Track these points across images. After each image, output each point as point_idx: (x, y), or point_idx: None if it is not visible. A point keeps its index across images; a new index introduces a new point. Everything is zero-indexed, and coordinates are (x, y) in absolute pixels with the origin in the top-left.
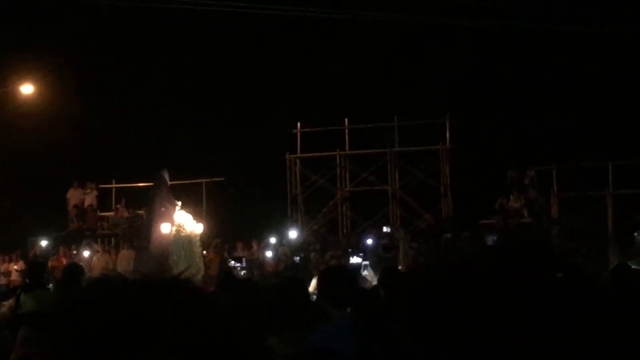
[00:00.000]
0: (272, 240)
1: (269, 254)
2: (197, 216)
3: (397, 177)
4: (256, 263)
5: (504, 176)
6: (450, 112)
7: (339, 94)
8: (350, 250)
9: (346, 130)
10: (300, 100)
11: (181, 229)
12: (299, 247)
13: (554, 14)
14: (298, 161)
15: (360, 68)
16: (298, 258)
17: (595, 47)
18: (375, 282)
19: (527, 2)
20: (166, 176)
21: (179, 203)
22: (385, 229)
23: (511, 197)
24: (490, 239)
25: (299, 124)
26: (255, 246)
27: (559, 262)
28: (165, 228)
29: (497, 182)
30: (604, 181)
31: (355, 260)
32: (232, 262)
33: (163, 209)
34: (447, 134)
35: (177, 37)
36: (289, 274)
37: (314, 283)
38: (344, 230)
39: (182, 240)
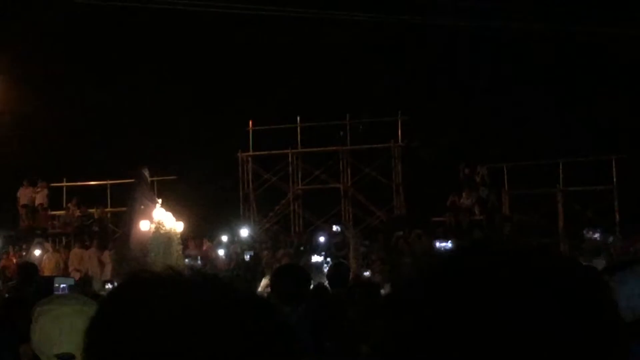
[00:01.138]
0: (224, 238)
1: (221, 252)
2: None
3: (349, 175)
4: (208, 261)
5: (456, 174)
6: (402, 110)
7: (291, 92)
8: (302, 248)
9: (298, 129)
10: (252, 99)
11: (160, 227)
12: (251, 245)
13: (505, 12)
14: (250, 159)
15: (312, 66)
16: (248, 256)
17: (548, 46)
18: None
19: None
20: (146, 174)
21: (159, 201)
22: (335, 227)
23: (463, 194)
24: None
25: (250, 122)
26: (206, 244)
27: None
28: (144, 225)
29: (449, 180)
30: (554, 178)
31: (315, 259)
32: (186, 260)
33: (142, 207)
34: (399, 131)
35: (126, 34)
36: (239, 272)
37: (265, 281)
38: (296, 229)
39: (161, 238)
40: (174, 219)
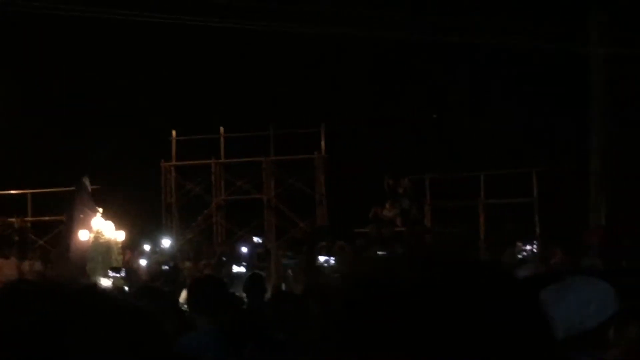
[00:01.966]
0: (146, 248)
1: (143, 262)
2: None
3: (272, 186)
4: (132, 272)
5: (379, 185)
6: (326, 121)
7: (215, 102)
8: (224, 259)
9: (222, 139)
10: (176, 108)
11: (100, 236)
12: (173, 256)
13: (431, 25)
14: (173, 169)
15: (235, 76)
16: (167, 267)
17: (468, 58)
18: None
19: (406, 11)
20: (87, 183)
21: (100, 210)
22: (255, 239)
23: (386, 205)
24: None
25: (174, 132)
26: (128, 255)
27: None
28: (83, 235)
29: (372, 191)
30: (476, 191)
31: (237, 270)
32: (110, 272)
33: (82, 216)
34: (323, 142)
35: (47, 40)
36: (157, 283)
37: (185, 293)
38: (219, 239)
39: (100, 247)
40: (114, 227)
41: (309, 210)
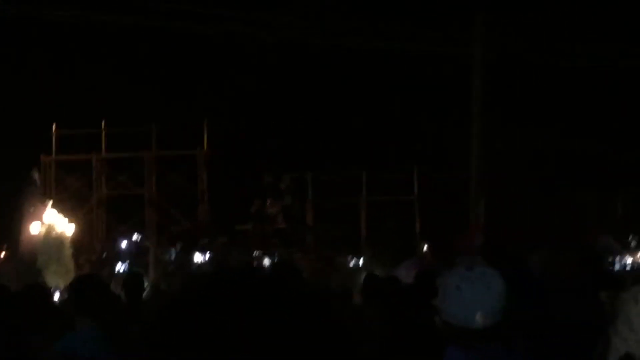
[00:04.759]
0: None
1: None
2: None
3: (154, 182)
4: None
5: (261, 182)
6: (209, 117)
7: (96, 95)
8: (104, 256)
9: (103, 133)
10: (57, 101)
11: (52, 229)
12: None
13: (330, 28)
14: (53, 163)
15: (117, 69)
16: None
17: (353, 61)
18: None
19: (310, 16)
20: (36, 176)
21: (50, 202)
22: (135, 235)
23: (267, 202)
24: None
25: (54, 126)
26: (3, 252)
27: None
28: (34, 228)
29: (254, 188)
30: (358, 189)
31: (119, 267)
32: None
33: (32, 209)
34: (205, 138)
35: None
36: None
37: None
38: (99, 235)
39: (52, 241)
40: (66, 220)
41: (190, 207)
